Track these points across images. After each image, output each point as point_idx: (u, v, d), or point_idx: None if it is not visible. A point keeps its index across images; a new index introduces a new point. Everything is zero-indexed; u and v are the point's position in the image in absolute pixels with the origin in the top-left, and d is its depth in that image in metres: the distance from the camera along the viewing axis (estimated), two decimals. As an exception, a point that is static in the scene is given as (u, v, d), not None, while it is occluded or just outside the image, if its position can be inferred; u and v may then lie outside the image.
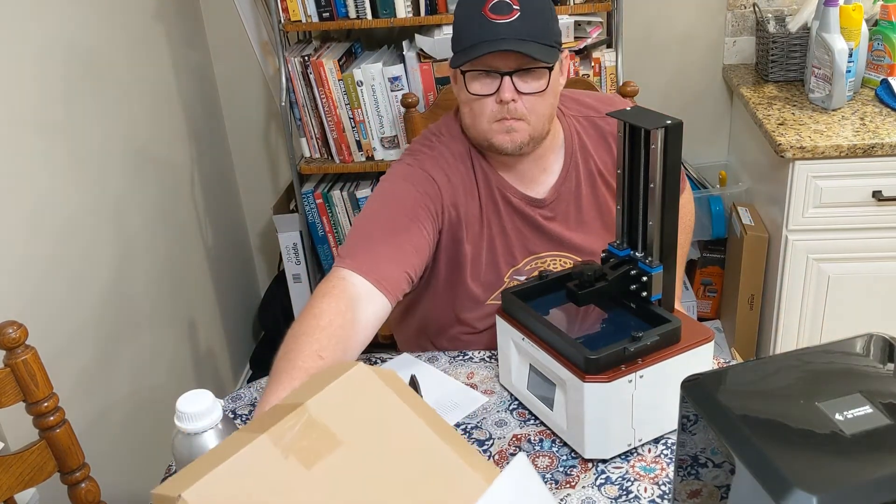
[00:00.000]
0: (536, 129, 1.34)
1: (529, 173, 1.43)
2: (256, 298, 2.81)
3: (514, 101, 1.30)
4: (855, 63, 2.06)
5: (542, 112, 1.33)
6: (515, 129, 1.32)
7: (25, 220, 1.58)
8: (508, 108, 1.30)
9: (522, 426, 1.24)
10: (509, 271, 1.45)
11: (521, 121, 1.32)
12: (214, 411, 0.97)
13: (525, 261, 1.46)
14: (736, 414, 0.79)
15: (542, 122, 1.35)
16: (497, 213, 1.42)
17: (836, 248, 2.02)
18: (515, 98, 1.30)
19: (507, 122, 1.32)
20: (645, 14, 2.42)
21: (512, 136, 1.33)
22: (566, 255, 1.47)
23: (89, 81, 1.83)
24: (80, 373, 1.72)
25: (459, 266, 1.43)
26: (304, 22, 2.16)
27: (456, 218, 1.40)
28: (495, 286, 1.45)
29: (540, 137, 1.36)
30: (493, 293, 1.46)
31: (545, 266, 1.46)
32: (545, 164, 1.43)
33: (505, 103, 1.30)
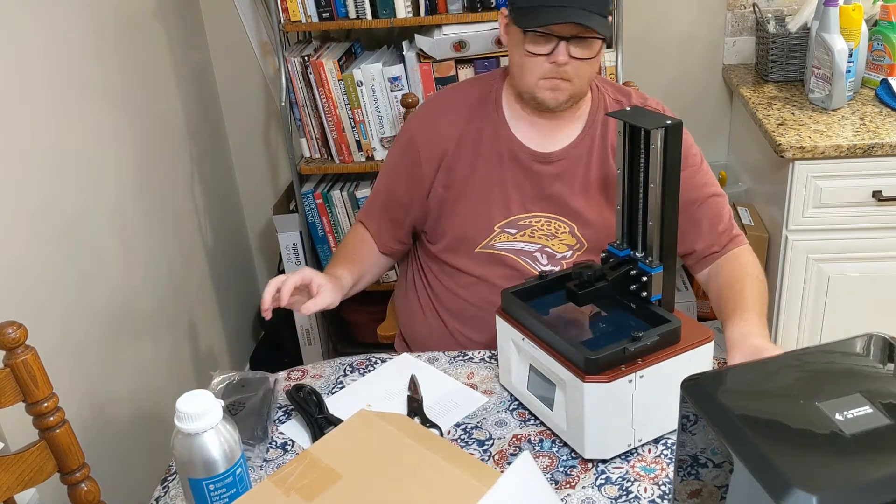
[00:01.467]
0: (577, 90, 1.45)
1: (548, 130, 1.50)
2: (256, 298, 2.81)
3: (566, 63, 1.40)
4: (855, 63, 2.06)
5: (586, 75, 1.44)
6: (560, 88, 1.43)
7: (25, 220, 1.58)
8: (559, 70, 1.40)
9: (522, 426, 1.24)
10: (501, 222, 1.50)
11: (568, 81, 1.42)
12: (214, 411, 0.97)
13: (519, 216, 1.50)
14: (736, 414, 0.79)
15: (584, 85, 1.46)
16: (500, 164, 1.50)
17: (836, 248, 2.02)
18: (567, 62, 1.39)
19: (555, 80, 1.42)
20: (645, 14, 2.42)
21: (556, 94, 1.43)
22: (561, 219, 1.50)
23: (89, 81, 1.83)
24: (80, 373, 1.72)
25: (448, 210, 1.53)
26: (303, 22, 2.16)
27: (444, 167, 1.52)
28: (485, 234, 1.51)
29: (579, 97, 1.47)
30: (483, 241, 1.51)
31: (537, 225, 1.51)
32: (566, 125, 1.51)
33: (559, 65, 1.40)
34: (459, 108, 1.54)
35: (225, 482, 0.99)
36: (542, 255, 1.50)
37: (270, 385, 1.33)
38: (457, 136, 1.52)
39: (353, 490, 0.91)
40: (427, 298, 1.61)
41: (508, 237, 1.50)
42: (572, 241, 1.50)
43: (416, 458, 0.95)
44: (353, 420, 1.04)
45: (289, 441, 1.25)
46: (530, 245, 1.50)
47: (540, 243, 1.50)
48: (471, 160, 1.51)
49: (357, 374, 1.40)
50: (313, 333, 2.55)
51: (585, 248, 1.50)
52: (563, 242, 1.50)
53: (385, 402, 1.32)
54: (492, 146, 1.51)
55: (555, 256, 1.50)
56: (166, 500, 1.18)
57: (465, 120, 1.52)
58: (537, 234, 1.50)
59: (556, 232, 1.50)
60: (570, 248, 1.51)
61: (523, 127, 1.51)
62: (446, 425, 1.25)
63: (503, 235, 1.50)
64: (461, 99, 1.56)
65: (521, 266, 1.50)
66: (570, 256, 1.51)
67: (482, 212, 1.51)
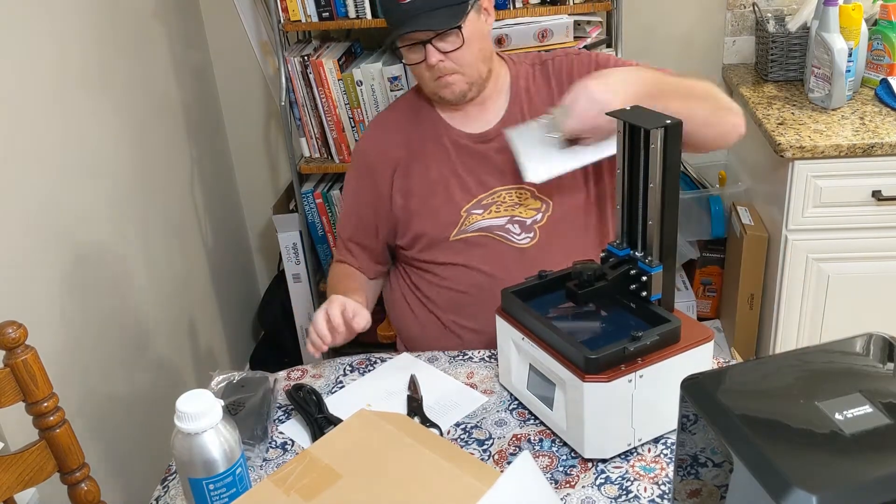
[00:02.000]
0: (472, 76, 1.51)
1: (476, 114, 1.58)
2: (256, 298, 2.81)
3: (441, 61, 1.47)
4: (854, 62, 2.06)
5: (470, 61, 1.49)
6: (453, 83, 1.51)
7: (25, 220, 1.58)
8: (439, 68, 1.48)
9: (522, 426, 1.24)
10: (466, 206, 1.55)
11: (455, 74, 1.50)
12: (214, 411, 0.97)
13: (481, 195, 1.55)
14: (735, 413, 0.79)
15: (476, 68, 1.51)
16: (448, 157, 1.57)
17: (835, 247, 2.02)
18: (441, 59, 1.47)
19: (443, 78, 1.50)
20: (644, 14, 2.42)
21: (451, 89, 1.51)
22: (522, 187, 1.54)
23: (89, 81, 1.83)
24: (80, 373, 1.72)
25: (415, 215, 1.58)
26: (303, 22, 2.16)
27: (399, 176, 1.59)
28: (455, 222, 1.56)
29: (479, 81, 1.53)
30: (455, 229, 1.56)
31: (500, 199, 1.55)
32: (491, 105, 1.58)
33: (434, 66, 1.48)
34: (400, 119, 1.64)
35: (225, 482, 0.99)
36: (513, 224, 1.54)
37: (270, 385, 1.33)
38: (404, 145, 1.60)
39: (352, 490, 0.91)
40: (415, 299, 1.63)
41: (477, 217, 1.55)
42: (537, 203, 1.55)
43: (416, 458, 0.95)
44: (353, 420, 1.04)
45: (288, 441, 1.25)
46: (500, 219, 1.55)
47: (508, 214, 1.55)
48: (422, 162, 1.58)
49: (357, 373, 1.40)
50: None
51: (552, 205, 1.54)
52: (530, 207, 1.55)
53: (385, 401, 1.32)
54: (436, 143, 1.58)
55: (525, 223, 1.54)
56: (166, 499, 1.18)
57: (408, 129, 1.61)
58: (503, 207, 1.55)
59: (520, 200, 1.55)
60: (538, 210, 1.55)
61: (456, 117, 1.59)
62: (446, 425, 1.25)
63: (472, 217, 1.55)
64: (399, 112, 1.66)
65: (495, 243, 1.54)
66: (541, 220, 1.54)
67: (447, 203, 1.56)
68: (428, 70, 1.49)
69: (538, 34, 2.10)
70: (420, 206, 1.58)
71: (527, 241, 1.54)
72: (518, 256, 1.53)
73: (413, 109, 1.63)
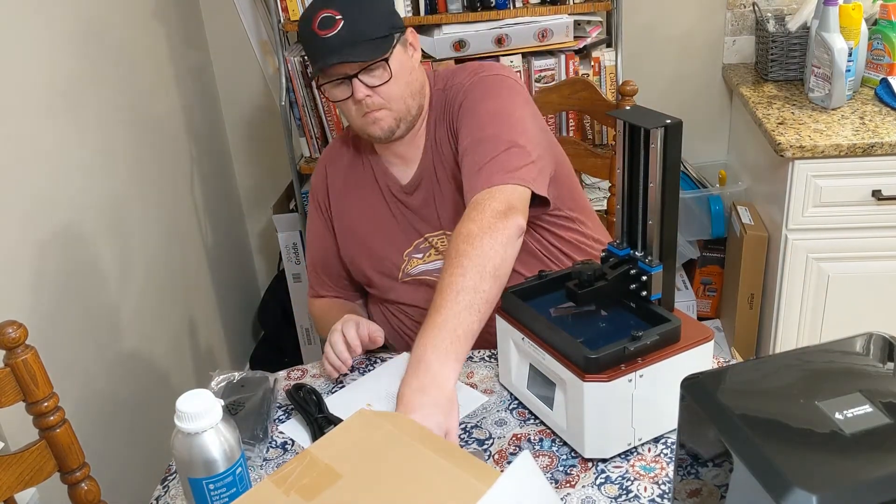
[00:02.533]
0: (401, 112, 1.44)
1: (404, 153, 1.52)
2: (256, 298, 2.81)
3: (368, 96, 1.40)
4: (854, 62, 2.06)
5: (398, 95, 1.42)
6: (381, 118, 1.43)
7: (25, 220, 1.58)
8: (366, 104, 1.41)
9: (522, 425, 1.24)
10: (407, 249, 1.53)
11: (383, 109, 1.42)
12: (214, 411, 0.97)
13: (416, 241, 1.53)
14: (736, 413, 0.79)
15: (404, 104, 1.44)
16: (384, 199, 1.55)
17: (835, 247, 2.02)
18: (369, 94, 1.40)
19: (371, 114, 1.42)
20: (644, 13, 2.42)
21: (380, 125, 1.43)
22: (447, 232, 1.49)
23: (88, 81, 1.83)
24: (80, 373, 1.72)
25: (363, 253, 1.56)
26: (303, 21, 2.16)
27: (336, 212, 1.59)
28: (399, 263, 1.53)
29: (409, 117, 1.46)
30: (400, 270, 1.54)
31: (434, 242, 1.52)
32: (417, 141, 1.52)
33: (360, 101, 1.40)
34: (342, 155, 1.60)
35: (225, 482, 0.99)
36: None
37: (270, 384, 1.33)
38: (341, 181, 1.58)
39: (352, 489, 0.91)
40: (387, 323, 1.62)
41: (417, 261, 1.53)
42: None
43: (416, 458, 0.95)
44: (353, 419, 1.04)
45: (289, 440, 1.25)
46: (436, 262, 1.51)
47: (441, 258, 1.50)
48: (360, 201, 1.56)
49: (357, 373, 1.40)
50: (313, 333, 2.55)
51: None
52: None
53: (385, 401, 1.32)
54: (374, 184, 1.55)
55: None
56: (166, 499, 1.18)
57: (348, 165, 1.58)
58: (433, 253, 1.52)
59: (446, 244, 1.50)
60: None
61: (390, 157, 1.54)
62: (446, 425, 1.25)
63: (413, 261, 1.53)
64: (343, 146, 1.61)
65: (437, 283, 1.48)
66: None
67: (390, 244, 1.54)
68: (355, 105, 1.41)
69: (538, 34, 2.10)
70: (365, 245, 1.56)
71: None
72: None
73: (357, 146, 1.58)
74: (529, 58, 2.15)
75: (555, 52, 2.14)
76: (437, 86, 1.53)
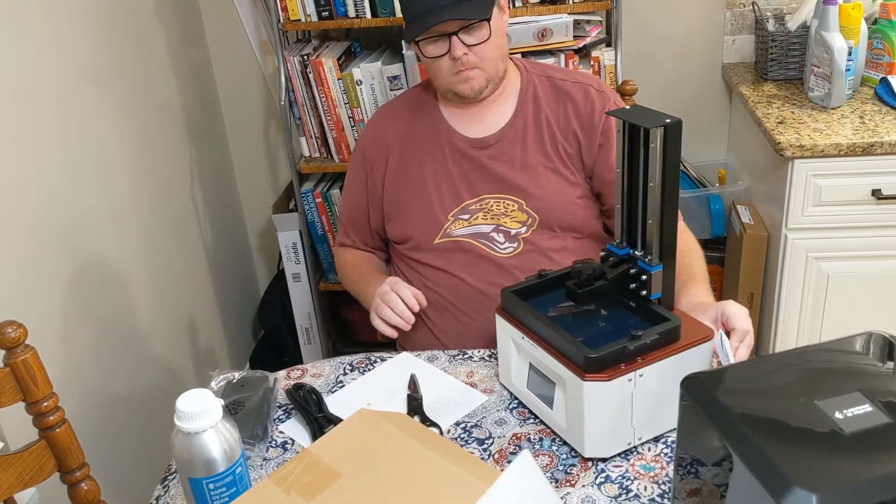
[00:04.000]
0: (491, 73, 1.52)
1: (481, 116, 1.59)
2: (256, 298, 2.81)
3: (465, 54, 1.47)
4: (854, 61, 2.06)
5: (491, 56, 1.50)
6: (472, 77, 1.50)
7: (25, 220, 1.58)
8: (462, 61, 1.48)
9: (522, 425, 1.24)
10: (453, 210, 1.57)
11: (476, 69, 1.50)
12: (214, 410, 0.97)
13: (469, 201, 1.57)
14: (735, 412, 0.79)
15: (495, 65, 1.52)
16: (443, 157, 1.59)
17: (835, 246, 2.01)
18: (466, 52, 1.47)
19: (464, 73, 1.50)
20: (644, 13, 2.42)
21: (470, 84, 1.51)
22: (508, 197, 1.56)
23: (88, 81, 1.83)
24: (79, 372, 1.72)
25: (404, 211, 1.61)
26: (303, 21, 2.16)
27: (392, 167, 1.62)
28: (440, 225, 1.57)
29: (496, 79, 1.54)
30: (440, 232, 1.58)
31: (487, 207, 1.56)
32: (498, 107, 1.59)
33: (457, 59, 1.47)
34: (400, 113, 1.66)
35: (225, 481, 0.99)
36: (497, 233, 1.55)
37: (270, 384, 1.33)
38: (400, 136, 1.62)
39: (353, 489, 0.91)
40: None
41: (462, 223, 1.56)
42: (523, 216, 1.55)
43: (416, 457, 0.95)
44: (353, 419, 1.04)
45: (289, 440, 1.25)
46: (485, 226, 1.56)
47: (494, 223, 1.55)
48: (418, 159, 1.60)
49: (357, 373, 1.41)
50: (313, 332, 2.55)
51: (538, 221, 1.55)
52: (515, 220, 1.55)
53: (385, 400, 1.32)
54: (434, 142, 1.60)
55: (510, 233, 1.55)
56: (166, 499, 1.18)
57: (407, 121, 1.63)
58: (490, 215, 1.56)
59: (507, 210, 1.55)
60: (523, 223, 1.55)
61: (458, 118, 1.60)
62: (446, 424, 1.25)
63: (458, 223, 1.56)
64: (401, 106, 1.67)
65: (477, 250, 1.55)
66: (525, 232, 1.55)
67: (434, 205, 1.58)
68: (450, 62, 1.48)
69: (538, 33, 2.10)
70: (409, 202, 1.60)
71: (509, 251, 1.54)
72: (498, 267, 1.54)
73: (417, 104, 1.64)
74: (529, 57, 2.15)
75: (554, 51, 2.14)
76: (534, 71, 1.62)
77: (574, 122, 1.56)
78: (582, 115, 1.57)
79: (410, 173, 1.60)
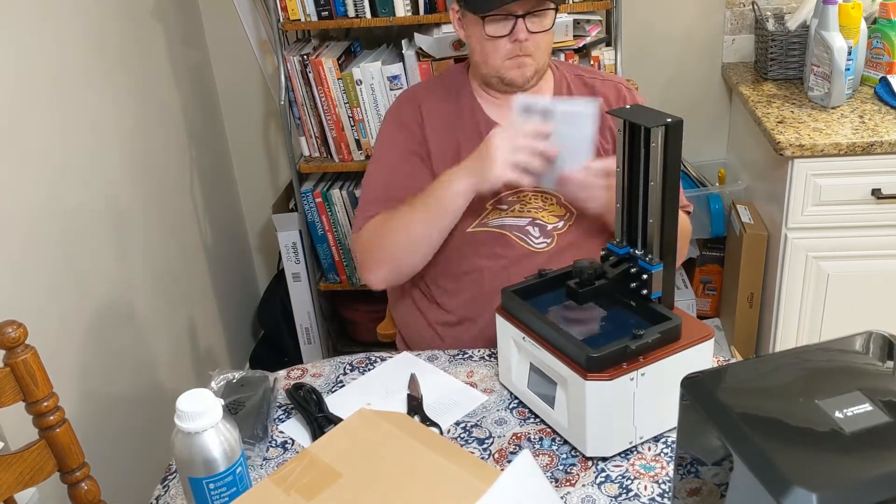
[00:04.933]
0: (540, 63, 1.51)
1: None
2: (256, 297, 2.81)
3: (526, 39, 1.45)
4: (854, 61, 2.06)
5: (545, 47, 1.50)
6: (525, 64, 1.48)
7: (25, 219, 1.58)
8: (521, 46, 1.46)
9: (522, 424, 1.24)
10: (492, 199, 1.52)
11: (530, 56, 1.48)
12: (214, 410, 0.97)
13: (506, 192, 1.52)
14: (736, 412, 0.79)
15: (545, 57, 1.52)
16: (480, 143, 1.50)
17: (835, 245, 2.02)
18: (527, 37, 1.45)
19: (520, 58, 1.47)
20: (644, 12, 2.42)
21: (522, 71, 1.49)
22: (544, 192, 1.53)
23: (87, 80, 1.83)
24: (79, 372, 1.72)
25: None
26: (302, 21, 2.16)
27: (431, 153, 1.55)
28: (478, 212, 1.53)
29: (543, 71, 1.54)
30: (476, 219, 1.53)
31: (525, 199, 1.53)
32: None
33: (520, 42, 1.45)
34: (437, 93, 1.61)
35: (225, 481, 0.99)
36: (533, 227, 1.53)
37: (270, 384, 1.33)
38: (438, 115, 1.57)
39: (353, 489, 0.91)
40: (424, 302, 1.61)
41: (500, 213, 1.53)
42: (561, 210, 1.53)
43: (416, 457, 0.95)
44: (353, 419, 1.04)
45: (289, 440, 1.25)
46: (521, 219, 1.53)
47: (530, 216, 1.53)
48: (454, 143, 1.55)
49: (357, 372, 1.40)
50: (313, 332, 2.55)
51: (575, 216, 1.53)
52: (553, 214, 1.53)
53: (385, 400, 1.32)
54: (471, 129, 1.55)
55: (546, 227, 1.53)
56: (166, 499, 1.18)
57: (444, 102, 1.58)
58: (527, 208, 1.53)
59: (545, 204, 1.54)
60: (560, 217, 1.53)
61: (495, 109, 1.57)
62: (446, 424, 1.25)
63: (495, 213, 1.53)
64: (437, 87, 1.63)
65: (511, 243, 1.52)
66: (562, 227, 1.53)
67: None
68: (509, 45, 1.45)
69: (537, 33, 2.09)
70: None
71: (543, 245, 1.52)
72: (531, 260, 1.50)
73: (456, 86, 1.60)
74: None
75: (554, 51, 2.14)
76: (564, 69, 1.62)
77: (610, 120, 1.54)
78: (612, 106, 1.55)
79: (448, 152, 1.54)
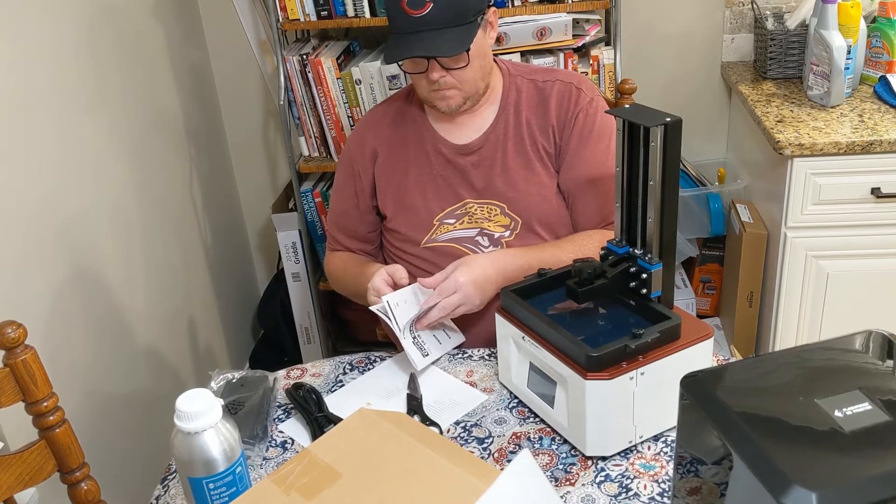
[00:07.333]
0: (469, 92, 1.51)
1: (465, 122, 1.58)
2: (255, 297, 2.81)
3: (442, 76, 1.46)
4: (853, 60, 2.06)
5: (470, 78, 1.49)
6: (449, 97, 1.50)
7: (25, 219, 1.58)
8: (438, 83, 1.48)
9: (522, 424, 1.24)
10: (439, 215, 1.57)
11: (453, 89, 1.49)
12: (214, 410, 0.97)
13: (454, 206, 1.57)
14: (735, 411, 0.79)
15: (474, 85, 1.51)
16: (428, 162, 1.59)
17: (834, 245, 2.02)
18: (444, 75, 1.46)
19: (441, 92, 1.49)
20: (643, 12, 2.42)
21: (447, 102, 1.51)
22: (491, 202, 1.56)
23: (87, 80, 1.83)
24: (79, 372, 1.72)
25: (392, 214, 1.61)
26: (302, 21, 2.16)
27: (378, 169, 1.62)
28: (427, 229, 1.58)
29: (475, 96, 1.53)
30: (426, 236, 1.58)
31: (472, 211, 1.57)
32: (481, 113, 1.58)
33: (434, 81, 1.47)
34: (383, 118, 1.64)
35: (225, 481, 0.99)
36: (482, 237, 1.56)
37: (270, 384, 1.33)
38: (385, 142, 1.61)
39: (352, 488, 0.91)
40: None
41: (448, 227, 1.57)
42: (506, 220, 1.56)
43: (416, 457, 0.95)
44: (353, 418, 1.04)
45: (288, 440, 1.25)
46: (470, 230, 1.56)
47: (478, 227, 1.56)
48: (402, 164, 1.60)
49: (356, 372, 1.41)
50: (312, 332, 2.55)
51: (520, 224, 1.55)
52: (498, 224, 1.56)
53: (385, 400, 1.32)
54: (419, 147, 1.59)
55: (493, 236, 1.56)
56: (166, 499, 1.18)
57: (390, 127, 1.62)
58: (474, 219, 1.56)
59: (490, 215, 1.56)
60: (506, 227, 1.56)
61: (443, 123, 1.59)
62: (446, 423, 1.25)
63: (444, 227, 1.57)
64: (384, 111, 1.66)
65: (462, 253, 1.54)
66: (509, 236, 1.55)
67: (421, 209, 1.58)
68: (427, 81, 1.47)
69: (537, 32, 2.10)
70: (395, 209, 1.60)
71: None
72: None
73: (403, 110, 1.63)
74: (528, 56, 2.15)
75: (553, 50, 2.14)
76: (517, 73, 1.60)
77: (554, 119, 1.55)
78: (561, 112, 1.56)
79: (396, 177, 1.60)
